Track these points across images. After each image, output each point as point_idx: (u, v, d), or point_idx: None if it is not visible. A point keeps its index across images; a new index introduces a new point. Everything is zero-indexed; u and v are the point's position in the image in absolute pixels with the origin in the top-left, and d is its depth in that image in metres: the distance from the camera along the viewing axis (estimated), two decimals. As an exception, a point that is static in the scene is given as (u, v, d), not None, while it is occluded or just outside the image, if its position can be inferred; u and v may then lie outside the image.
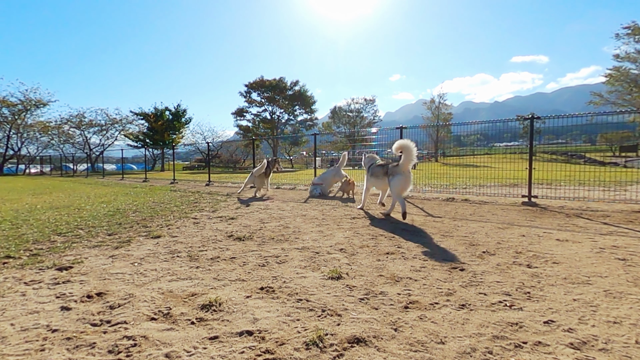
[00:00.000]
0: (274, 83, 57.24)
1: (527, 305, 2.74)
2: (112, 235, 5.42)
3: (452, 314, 2.62)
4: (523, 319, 2.53)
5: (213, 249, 4.56)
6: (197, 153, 59.87)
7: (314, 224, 6.16)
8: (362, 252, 4.32)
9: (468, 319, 2.53)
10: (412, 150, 6.28)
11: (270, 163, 11.60)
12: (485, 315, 2.59)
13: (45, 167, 46.27)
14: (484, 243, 4.67)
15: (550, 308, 2.69)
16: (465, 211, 7.38)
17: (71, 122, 48.47)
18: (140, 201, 9.83)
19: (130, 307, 2.79)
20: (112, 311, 2.72)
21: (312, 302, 2.85)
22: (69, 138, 49.74)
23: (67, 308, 2.79)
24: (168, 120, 53.54)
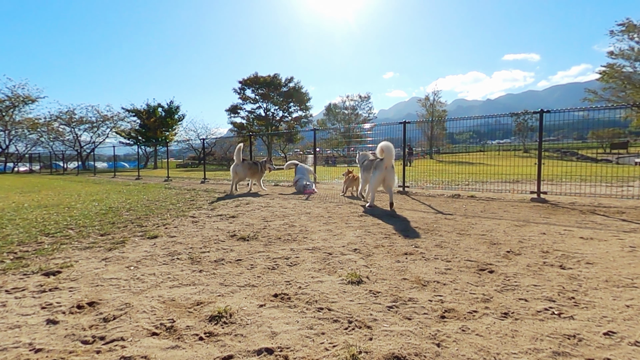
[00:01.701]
0: (269, 79, 56.73)
1: (577, 313, 2.44)
2: (104, 236, 5.07)
3: (496, 324, 2.30)
4: (579, 330, 2.22)
5: (216, 250, 4.22)
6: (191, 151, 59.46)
7: (320, 222, 5.86)
8: (378, 252, 4.01)
9: (517, 331, 2.21)
10: (391, 150, 7.05)
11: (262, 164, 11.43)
12: (535, 325, 2.28)
13: (35, 165, 45.58)
14: (505, 242, 4.43)
15: (605, 316, 2.40)
16: (475, 208, 7.17)
17: (61, 119, 47.72)
18: (134, 199, 9.46)
19: (128, 319, 2.43)
20: (107, 325, 2.36)
21: (335, 311, 2.52)
22: (58, 135, 48.97)
23: (54, 321, 2.42)
24: (161, 117, 53.14)
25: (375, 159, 7.71)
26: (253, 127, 57.94)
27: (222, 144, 55.94)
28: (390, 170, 7.24)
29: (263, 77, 57.05)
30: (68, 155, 47.86)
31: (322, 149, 37.78)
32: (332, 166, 23.81)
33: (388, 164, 7.16)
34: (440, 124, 50.20)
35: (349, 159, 16.39)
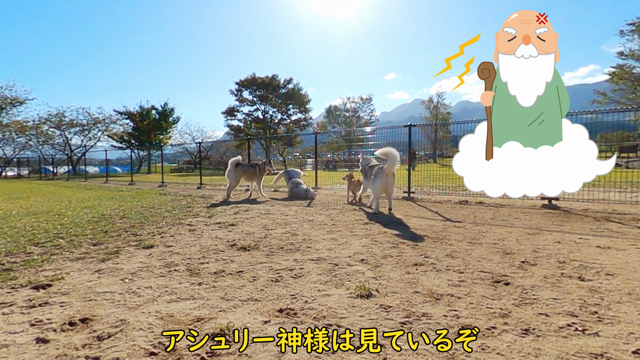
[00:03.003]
0: (267, 81, 56.58)
1: (602, 330, 2.38)
2: (97, 246, 4.99)
3: (517, 342, 2.23)
4: (606, 348, 2.15)
5: (215, 260, 4.15)
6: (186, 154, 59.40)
7: (324, 230, 5.80)
8: (387, 263, 3.94)
9: (540, 349, 2.15)
10: (395, 157, 7.08)
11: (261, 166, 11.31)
12: (559, 343, 2.21)
13: (23, 170, 45.47)
14: (518, 251, 4.37)
15: (632, 333, 2.33)
16: (485, 215, 7.12)
17: (50, 121, 47.65)
18: (128, 206, 9.39)
19: (124, 337, 2.36)
20: (101, 344, 2.28)
21: (345, 328, 2.44)
22: (48, 139, 48.85)
23: (44, 340, 2.34)
24: (154, 120, 53.13)
25: (377, 165, 7.78)
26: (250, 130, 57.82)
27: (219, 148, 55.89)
28: (392, 178, 7.38)
29: (261, 78, 56.96)
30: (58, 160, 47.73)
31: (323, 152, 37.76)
32: (333, 171, 23.79)
33: (389, 172, 7.25)
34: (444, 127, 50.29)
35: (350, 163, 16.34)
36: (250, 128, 58.44)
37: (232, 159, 10.91)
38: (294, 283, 3.35)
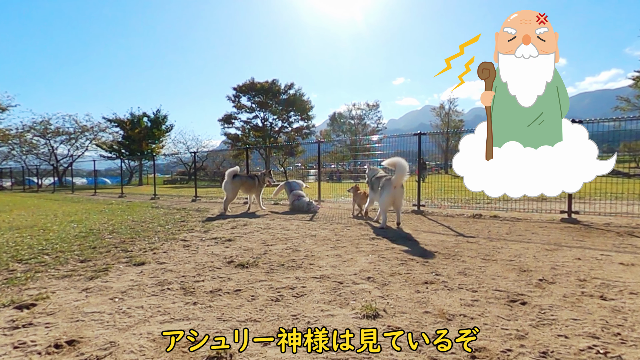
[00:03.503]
0: (266, 86, 56.62)
1: (625, 353, 2.39)
2: (85, 262, 5.02)
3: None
4: (630, 372, 2.16)
5: (211, 278, 4.18)
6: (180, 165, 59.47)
7: (327, 246, 5.82)
8: (395, 281, 3.95)
9: (559, 374, 2.15)
10: (404, 167, 7.17)
11: (260, 178, 11.33)
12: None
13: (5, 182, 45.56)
14: (536, 268, 4.37)
15: (658, 356, 2.33)
16: (500, 230, 7.12)
17: (35, 129, 47.69)
18: (118, 220, 9.43)
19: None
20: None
21: (350, 351, 2.45)
22: (32, 148, 48.96)
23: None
24: (146, 128, 53.28)
25: (384, 177, 7.84)
26: (249, 138, 57.90)
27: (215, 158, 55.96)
28: (400, 190, 7.46)
29: (260, 84, 57.07)
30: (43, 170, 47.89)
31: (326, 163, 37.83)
32: (337, 182, 23.80)
33: (397, 183, 7.34)
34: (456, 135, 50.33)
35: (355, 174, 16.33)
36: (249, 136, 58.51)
37: (229, 170, 10.95)
38: (295, 303, 3.36)
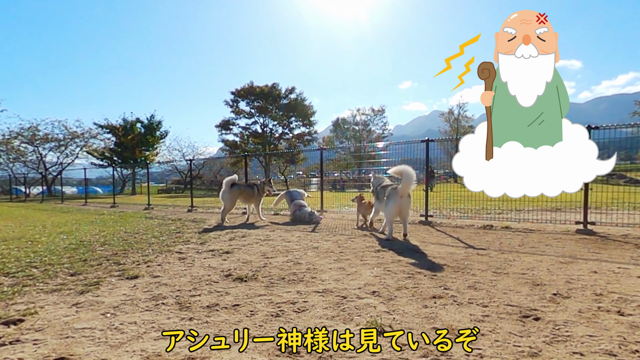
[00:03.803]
0: (266, 90, 56.67)
1: (644, 371, 2.38)
2: (75, 276, 5.04)
3: (548, 385, 2.25)
4: (649, 392, 2.16)
5: (208, 292, 4.19)
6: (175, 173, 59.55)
7: (330, 258, 5.84)
8: (401, 295, 3.96)
9: (574, 393, 2.16)
10: (411, 176, 7.17)
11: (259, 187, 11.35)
12: (595, 386, 2.22)
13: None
14: (550, 282, 4.37)
15: (678, 375, 2.33)
16: (512, 241, 7.12)
17: (22, 136, 47.72)
18: (110, 231, 9.46)
19: (106, 378, 2.39)
20: (81, 385, 2.32)
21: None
22: (19, 155, 48.98)
23: (17, 381, 2.38)
24: (140, 134, 53.30)
25: (390, 186, 7.86)
26: (248, 145, 57.91)
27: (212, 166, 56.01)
28: (407, 199, 7.47)
29: (259, 88, 57.13)
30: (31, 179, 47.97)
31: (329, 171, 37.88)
32: (341, 191, 23.79)
33: (404, 192, 7.37)
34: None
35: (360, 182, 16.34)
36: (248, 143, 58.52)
37: (227, 179, 10.98)
38: (297, 318, 3.37)
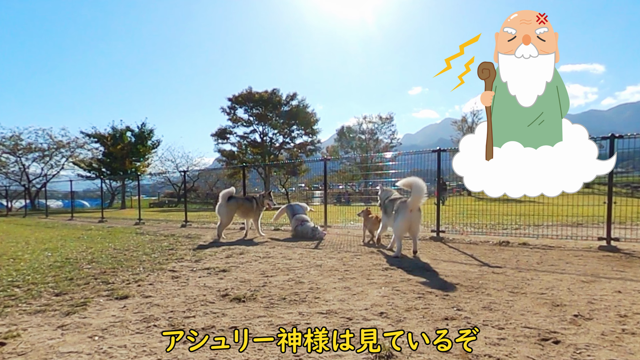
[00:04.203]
0: (266, 96, 56.41)
1: (671, 398, 2.38)
2: (60, 296, 5.07)
3: (569, 413, 2.25)
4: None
5: (203, 314, 4.20)
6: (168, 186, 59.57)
7: (335, 277, 5.85)
8: (411, 317, 3.97)
9: (596, 422, 2.16)
10: (421, 188, 7.20)
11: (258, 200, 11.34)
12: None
13: (-29, 205, 45.80)
14: (571, 303, 4.38)
15: None
16: (530, 259, 7.13)
17: (4, 145, 47.47)
18: (97, 248, 9.49)
19: (94, 406, 2.40)
20: (67, 413, 2.33)
21: None
22: (1, 167, 49.11)
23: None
24: (130, 144, 53.39)
25: (399, 199, 7.88)
26: (246, 156, 57.84)
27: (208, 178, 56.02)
28: (416, 214, 7.50)
29: (259, 94, 56.95)
30: (13, 192, 47.97)
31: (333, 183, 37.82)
32: (346, 205, 23.78)
33: (414, 206, 7.38)
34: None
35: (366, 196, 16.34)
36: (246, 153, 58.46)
37: (223, 192, 10.99)
38: (298, 341, 3.37)
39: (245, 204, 11.17)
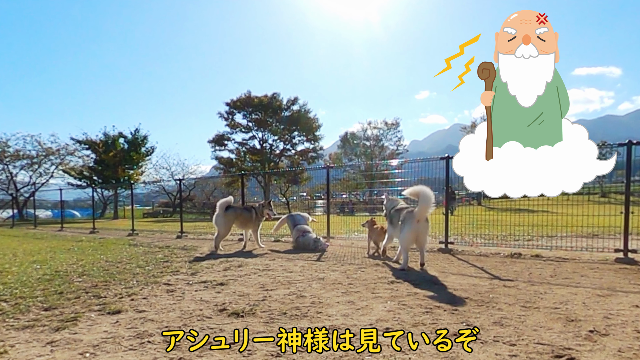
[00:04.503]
0: (265, 101, 56.33)
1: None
2: (49, 310, 5.08)
3: None
4: None
5: (200, 329, 4.20)
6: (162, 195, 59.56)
7: (338, 291, 5.85)
8: (418, 332, 3.97)
9: None
10: (429, 198, 7.10)
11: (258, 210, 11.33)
12: None
13: (-44, 215, 45.84)
14: (586, 318, 4.38)
15: None
16: (543, 272, 7.13)
17: (-10, 152, 47.93)
18: (89, 260, 9.50)
19: None
20: None
21: None
22: (-14, 175, 49.18)
23: None
24: (123, 151, 53.34)
25: (405, 209, 7.85)
26: (245, 163, 57.77)
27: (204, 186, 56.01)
28: (424, 224, 7.44)
29: (258, 98, 56.81)
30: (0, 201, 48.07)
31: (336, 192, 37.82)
32: (350, 215, 23.73)
33: (421, 217, 7.33)
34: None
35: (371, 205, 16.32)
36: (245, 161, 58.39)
37: (221, 201, 11.00)
38: (300, 358, 3.38)
39: (244, 214, 11.17)
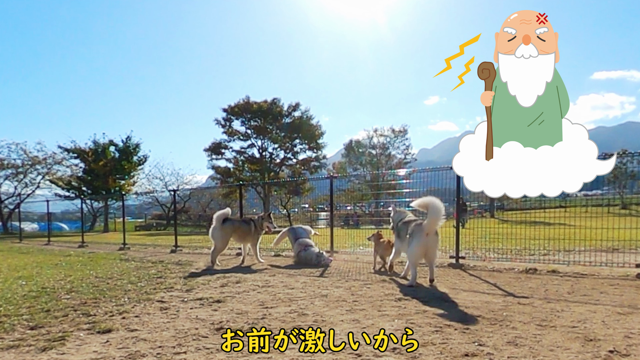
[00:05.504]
0: (265, 107, 55.95)
1: None
2: (36, 329, 5.09)
3: None
4: None
5: (196, 350, 4.21)
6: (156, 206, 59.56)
7: (342, 308, 5.84)
8: (427, 352, 3.97)
9: None
10: (439, 210, 7.11)
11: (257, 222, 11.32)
12: None
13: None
14: (605, 337, 4.37)
15: None
16: (560, 288, 7.12)
17: (-28, 162, 48.01)
18: (77, 276, 9.52)
19: None
20: None
21: None
22: (-31, 186, 49.28)
23: None
24: (113, 160, 53.35)
25: (414, 221, 7.82)
26: (243, 173, 57.70)
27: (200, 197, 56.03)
28: (433, 238, 7.46)
29: (257, 104, 56.56)
30: (-17, 214, 48.15)
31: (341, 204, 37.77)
32: (355, 228, 23.72)
33: (430, 230, 7.33)
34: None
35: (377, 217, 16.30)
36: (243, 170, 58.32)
37: (218, 213, 11.01)
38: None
39: (242, 226, 11.17)
